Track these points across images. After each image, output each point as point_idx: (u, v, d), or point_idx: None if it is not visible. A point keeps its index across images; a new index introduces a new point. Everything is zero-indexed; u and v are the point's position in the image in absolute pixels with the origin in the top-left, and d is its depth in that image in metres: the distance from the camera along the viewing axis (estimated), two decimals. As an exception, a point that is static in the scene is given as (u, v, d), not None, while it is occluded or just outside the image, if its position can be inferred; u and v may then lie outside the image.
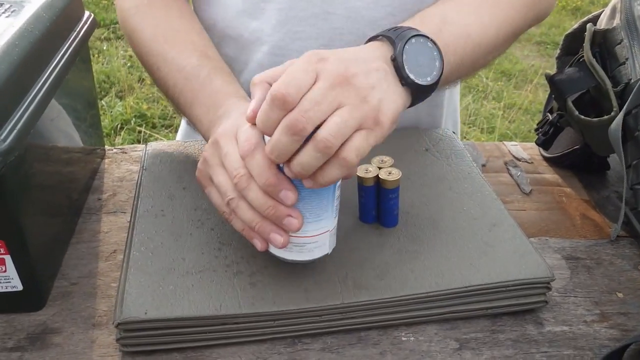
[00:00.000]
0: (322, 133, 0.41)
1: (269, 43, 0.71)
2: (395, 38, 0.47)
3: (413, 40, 0.47)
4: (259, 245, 0.47)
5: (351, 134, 0.42)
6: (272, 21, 0.70)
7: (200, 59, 0.60)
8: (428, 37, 0.48)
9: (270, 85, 0.44)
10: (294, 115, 0.41)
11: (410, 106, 0.48)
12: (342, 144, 0.42)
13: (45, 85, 0.50)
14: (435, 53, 0.48)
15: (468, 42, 0.57)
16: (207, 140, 0.55)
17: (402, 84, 0.46)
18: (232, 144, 0.47)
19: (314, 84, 0.42)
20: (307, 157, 0.41)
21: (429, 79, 0.47)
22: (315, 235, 0.46)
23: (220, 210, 0.49)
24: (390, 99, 0.45)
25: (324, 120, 0.42)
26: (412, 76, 0.46)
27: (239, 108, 0.52)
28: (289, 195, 0.43)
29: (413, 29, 0.48)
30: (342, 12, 0.69)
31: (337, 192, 0.47)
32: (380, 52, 0.47)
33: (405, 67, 0.46)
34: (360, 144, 0.42)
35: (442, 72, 0.48)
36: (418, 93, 0.48)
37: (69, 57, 0.56)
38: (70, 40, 0.59)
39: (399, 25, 0.51)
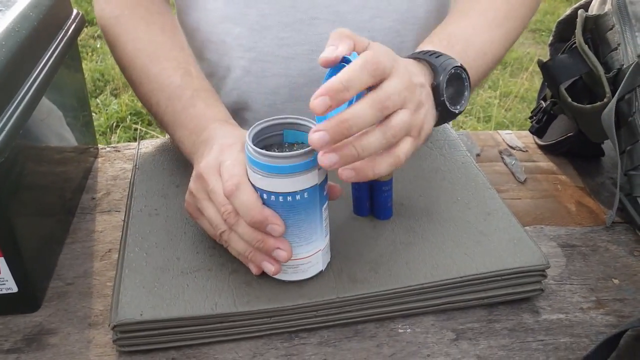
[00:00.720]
0: (396, 120, 0.43)
1: (255, 49, 0.70)
2: (438, 66, 0.50)
3: (452, 70, 0.50)
4: (253, 270, 0.48)
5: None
6: (255, 27, 0.69)
7: (184, 78, 0.60)
8: (464, 69, 0.51)
9: (354, 43, 0.45)
10: (381, 94, 0.42)
11: None
12: (396, 143, 0.44)
13: (34, 85, 0.49)
14: (466, 84, 0.52)
15: (485, 60, 0.60)
16: (189, 159, 0.57)
17: (437, 109, 0.50)
18: (217, 179, 0.48)
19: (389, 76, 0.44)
20: (374, 140, 0.43)
21: (458, 106, 0.51)
22: (307, 256, 0.47)
23: (216, 239, 0.50)
24: (429, 117, 0.49)
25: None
26: (447, 104, 0.50)
27: (221, 135, 0.52)
28: (275, 228, 0.45)
29: (452, 58, 0.51)
30: (327, 16, 0.68)
31: (325, 213, 0.48)
32: (424, 73, 0.50)
33: (445, 95, 0.50)
34: (409, 148, 0.45)
35: (467, 101, 0.52)
36: (444, 118, 0.51)
37: (57, 56, 0.56)
38: (58, 39, 0.58)
39: (436, 50, 0.53)
